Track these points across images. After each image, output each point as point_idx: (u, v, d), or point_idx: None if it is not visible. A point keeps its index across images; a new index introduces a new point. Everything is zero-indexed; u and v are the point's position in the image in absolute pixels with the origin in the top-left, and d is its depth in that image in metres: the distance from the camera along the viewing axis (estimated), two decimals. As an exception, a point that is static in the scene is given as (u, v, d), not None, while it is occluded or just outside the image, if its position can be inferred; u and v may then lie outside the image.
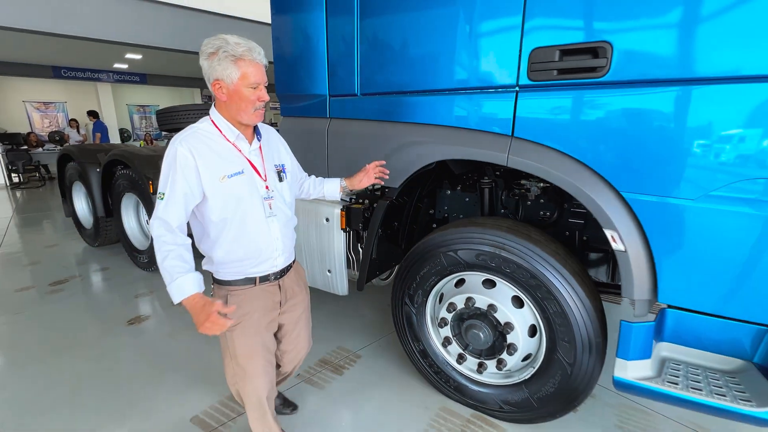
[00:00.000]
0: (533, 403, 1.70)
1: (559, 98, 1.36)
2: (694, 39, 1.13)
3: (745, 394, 1.26)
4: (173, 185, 1.15)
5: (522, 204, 2.10)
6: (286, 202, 1.37)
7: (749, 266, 1.19)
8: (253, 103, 1.18)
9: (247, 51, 1.13)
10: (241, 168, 1.23)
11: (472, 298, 1.73)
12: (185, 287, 1.15)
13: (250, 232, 1.26)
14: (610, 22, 1.23)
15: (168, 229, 1.17)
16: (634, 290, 1.33)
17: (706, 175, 1.17)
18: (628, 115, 1.25)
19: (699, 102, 1.15)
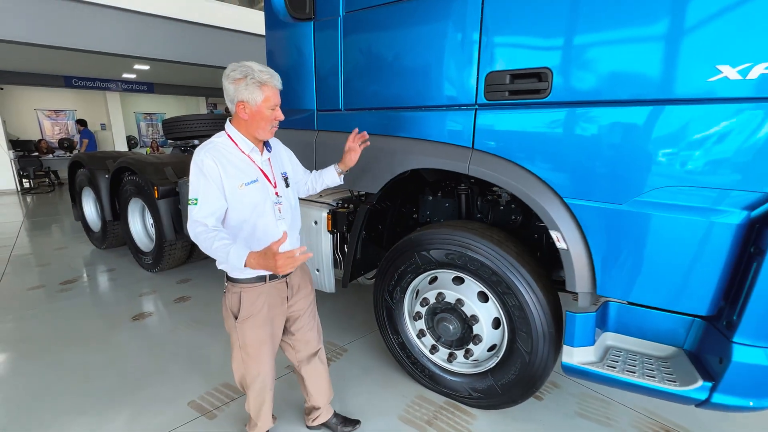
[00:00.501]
0: (498, 390, 1.87)
1: (510, 116, 1.55)
2: (615, 67, 1.32)
3: (672, 376, 1.43)
4: (205, 190, 1.30)
5: (494, 209, 2.28)
6: (292, 205, 1.54)
7: (673, 262, 1.37)
8: (270, 122, 1.37)
9: (269, 78, 1.33)
10: (256, 177, 1.40)
11: (443, 293, 1.91)
12: (241, 252, 1.23)
13: (262, 233, 1.41)
14: (550, 51, 1.43)
15: (202, 226, 1.30)
16: (576, 284, 1.51)
17: (631, 182, 1.36)
18: (567, 131, 1.44)
19: (621, 121, 1.34)
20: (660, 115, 1.28)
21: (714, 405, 1.36)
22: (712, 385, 1.34)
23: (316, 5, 2.02)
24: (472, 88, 1.61)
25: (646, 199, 1.34)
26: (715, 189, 1.25)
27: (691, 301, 1.38)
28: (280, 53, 2.29)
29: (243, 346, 1.51)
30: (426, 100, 1.75)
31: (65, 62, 8.56)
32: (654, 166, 1.31)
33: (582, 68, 1.38)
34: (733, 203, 1.24)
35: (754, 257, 1.23)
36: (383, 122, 1.94)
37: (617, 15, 1.29)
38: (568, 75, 1.40)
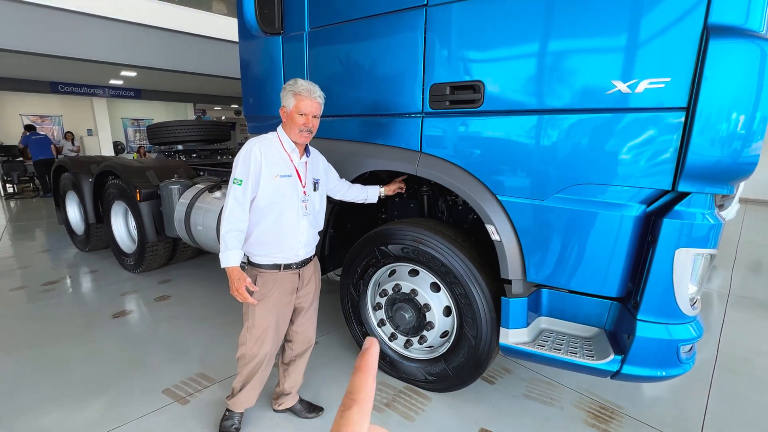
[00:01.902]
0: (450, 373, 2.04)
1: (451, 123, 1.75)
2: (534, 81, 1.53)
3: (591, 352, 1.62)
4: (247, 174, 1.54)
5: (453, 208, 2.47)
6: (316, 208, 1.74)
7: (586, 250, 1.56)
8: (299, 126, 1.56)
9: (305, 90, 1.54)
10: (290, 172, 1.61)
11: (399, 285, 2.08)
12: (231, 259, 1.55)
13: (284, 223, 1.62)
14: (481, 66, 1.63)
15: (240, 207, 1.55)
16: (509, 272, 1.70)
17: (549, 181, 1.56)
18: (497, 136, 1.64)
19: (539, 127, 1.54)
20: (569, 122, 1.48)
21: (625, 376, 1.56)
22: (622, 358, 1.54)
23: (285, 21, 2.20)
24: (418, 98, 1.80)
25: (562, 196, 1.54)
26: (616, 186, 1.45)
27: (604, 285, 1.57)
28: (253, 64, 2.47)
29: (251, 327, 1.70)
30: (380, 109, 1.94)
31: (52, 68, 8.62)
32: (566, 167, 1.51)
33: (507, 82, 1.58)
34: (632, 198, 1.45)
35: (650, 245, 1.44)
36: (344, 128, 2.12)
37: (533, 37, 1.50)
38: (496, 87, 1.60)
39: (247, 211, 1.57)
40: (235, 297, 1.58)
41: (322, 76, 2.14)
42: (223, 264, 1.55)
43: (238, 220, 1.56)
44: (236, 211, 1.56)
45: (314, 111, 1.58)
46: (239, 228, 1.56)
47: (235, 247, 1.56)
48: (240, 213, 1.56)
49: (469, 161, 1.72)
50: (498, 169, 1.66)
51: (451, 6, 1.65)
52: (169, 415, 2.01)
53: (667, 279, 1.43)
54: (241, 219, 1.56)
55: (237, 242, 1.56)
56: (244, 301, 1.60)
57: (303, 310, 1.85)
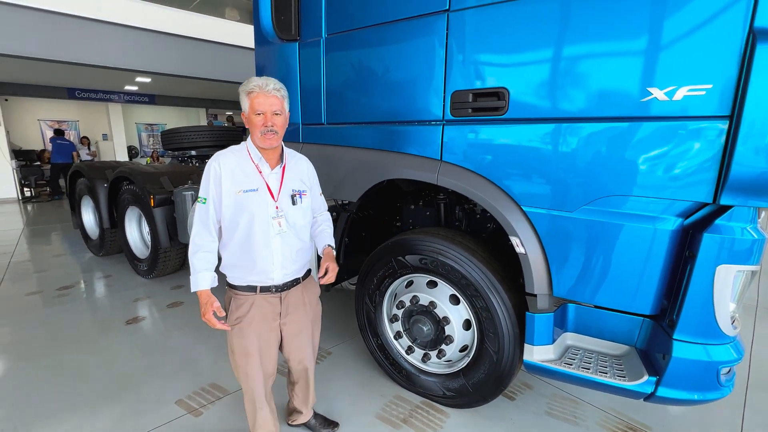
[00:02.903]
0: (469, 389, 1.96)
1: (474, 131, 1.69)
2: (563, 88, 1.47)
3: (623, 372, 1.54)
4: (207, 191, 1.43)
5: (470, 217, 2.41)
6: (296, 224, 1.52)
7: (618, 265, 1.49)
8: (259, 128, 1.38)
9: (256, 86, 1.36)
10: (257, 186, 1.43)
11: (417, 296, 2.02)
12: (200, 282, 1.43)
13: (253, 243, 1.44)
14: (506, 72, 1.57)
15: (204, 227, 1.44)
16: (534, 286, 1.63)
17: (578, 192, 1.49)
18: (523, 144, 1.58)
19: (568, 136, 1.47)
20: (599, 131, 1.41)
21: (660, 398, 1.47)
22: (657, 380, 1.45)
23: (301, 28, 2.18)
24: (439, 106, 1.75)
25: (592, 207, 1.47)
26: (652, 198, 1.38)
27: (636, 301, 1.49)
28: (269, 70, 2.44)
29: (231, 351, 1.58)
30: (399, 116, 1.89)
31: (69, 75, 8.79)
32: (596, 178, 1.44)
33: (534, 88, 1.52)
34: (667, 211, 1.37)
35: (688, 261, 1.36)
36: (361, 136, 2.07)
37: (562, 42, 1.44)
38: (522, 94, 1.54)
39: (213, 231, 1.45)
40: (207, 323, 1.43)
41: (339, 82, 2.10)
42: (192, 288, 1.44)
43: (205, 240, 1.45)
44: (201, 231, 1.45)
45: (273, 107, 1.38)
46: (207, 249, 1.45)
47: (203, 269, 1.43)
48: (206, 233, 1.45)
49: (492, 170, 1.66)
50: (523, 179, 1.60)
51: (475, 11, 1.59)
52: (181, 427, 1.97)
53: (707, 297, 1.34)
54: (208, 239, 1.45)
55: (206, 263, 1.44)
56: (213, 327, 1.44)
57: (290, 337, 1.63)
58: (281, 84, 1.42)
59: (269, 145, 1.43)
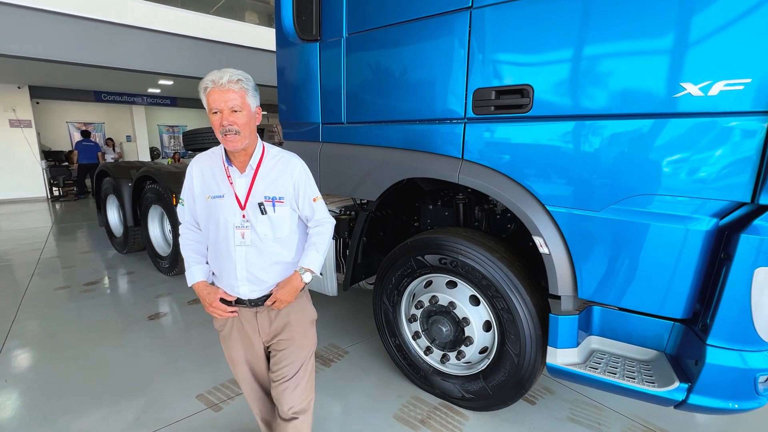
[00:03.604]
0: (489, 391, 1.93)
1: (496, 129, 1.66)
2: (589, 84, 1.43)
3: (652, 378, 1.48)
4: (184, 193, 1.40)
5: (490, 217, 2.37)
6: (266, 237, 1.32)
7: (648, 267, 1.43)
8: (218, 128, 1.21)
9: (211, 82, 1.19)
10: (223, 192, 1.31)
11: (436, 297, 2.00)
12: (195, 275, 1.40)
13: (219, 252, 1.35)
14: (531, 69, 1.54)
15: (187, 228, 1.42)
16: (558, 287, 1.59)
17: (605, 191, 1.44)
18: (547, 142, 1.54)
19: (595, 133, 1.43)
20: (628, 128, 1.37)
21: (692, 406, 1.41)
22: (689, 387, 1.39)
23: (322, 28, 2.19)
24: (461, 103, 1.73)
25: (620, 207, 1.43)
26: (684, 198, 1.33)
27: (666, 304, 1.44)
28: (290, 71, 2.47)
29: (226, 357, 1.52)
30: (420, 114, 1.88)
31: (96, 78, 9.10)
32: (625, 176, 1.40)
33: (560, 85, 1.48)
34: (700, 211, 1.31)
35: (724, 263, 1.30)
36: (381, 134, 2.07)
37: (590, 36, 1.40)
38: (547, 91, 1.51)
39: (195, 230, 1.41)
40: (213, 314, 1.37)
41: (359, 81, 2.10)
42: (188, 282, 1.40)
43: (189, 239, 1.41)
44: (185, 233, 1.42)
45: (229, 103, 1.18)
46: (194, 247, 1.41)
47: (196, 262, 1.40)
48: (189, 233, 1.42)
49: (515, 169, 1.63)
50: (547, 178, 1.56)
51: (498, 7, 1.57)
52: (202, 421, 2.00)
53: (744, 300, 1.28)
54: (192, 238, 1.41)
55: (197, 256, 1.41)
56: (223, 315, 1.36)
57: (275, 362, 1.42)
58: (242, 74, 1.21)
59: (232, 147, 1.25)
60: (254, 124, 1.29)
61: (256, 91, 1.27)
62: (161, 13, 6.66)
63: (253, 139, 1.30)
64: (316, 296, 3.12)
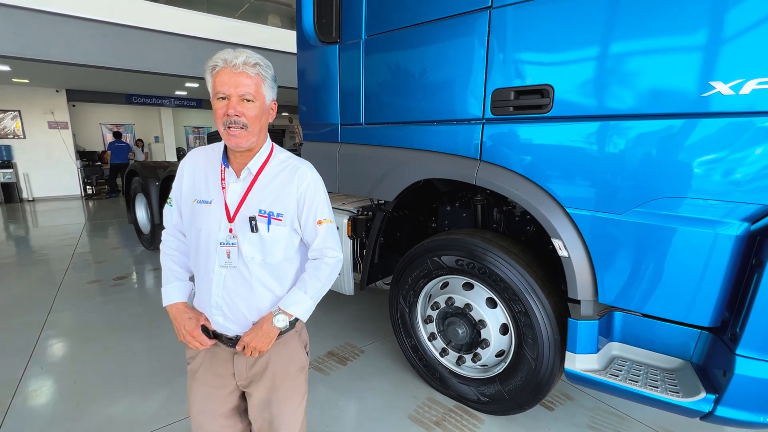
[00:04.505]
0: (505, 395, 1.91)
1: (515, 130, 1.64)
2: (612, 83, 1.39)
3: (676, 387, 1.43)
4: (175, 191, 1.16)
5: (509, 219, 2.34)
6: (254, 260, 1.06)
7: (673, 273, 1.39)
8: (221, 118, 0.99)
9: (222, 61, 0.98)
10: (212, 198, 1.07)
11: (452, 298, 1.99)
12: (171, 293, 1.13)
13: (198, 268, 1.11)
14: (552, 69, 1.51)
15: (171, 233, 1.18)
16: (578, 291, 1.56)
17: (629, 194, 1.40)
18: (568, 143, 1.51)
19: (618, 134, 1.40)
20: (654, 128, 1.33)
21: (719, 418, 1.35)
22: (716, 398, 1.34)
23: (342, 30, 2.22)
24: (479, 104, 1.72)
25: (643, 210, 1.38)
26: (713, 201, 1.28)
27: (693, 312, 1.38)
28: (310, 73, 2.51)
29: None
30: (438, 115, 1.88)
31: (127, 82, 9.49)
32: (650, 178, 1.35)
33: (581, 84, 1.45)
34: (730, 214, 1.26)
35: (755, 269, 1.24)
36: (399, 135, 2.08)
37: (612, 34, 1.37)
38: (568, 91, 1.48)
39: (179, 235, 1.18)
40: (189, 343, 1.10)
41: (378, 82, 2.12)
42: (163, 301, 1.14)
43: (171, 248, 1.18)
44: (168, 239, 1.19)
45: (240, 88, 0.97)
46: (176, 259, 1.17)
47: (177, 278, 1.15)
48: (172, 241, 1.18)
49: (534, 170, 1.61)
50: (567, 180, 1.53)
51: (519, 6, 1.55)
52: (222, 414, 2.05)
53: (777, 310, 1.22)
54: (174, 247, 1.18)
55: (179, 269, 1.16)
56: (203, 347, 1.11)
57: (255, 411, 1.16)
58: (262, 58, 1.02)
59: (235, 144, 1.02)
60: (266, 121, 1.07)
61: (274, 82, 1.06)
62: (189, 18, 6.89)
63: (262, 139, 1.08)
64: (333, 295, 3.16)
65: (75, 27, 5.82)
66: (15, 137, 9.68)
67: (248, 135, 1.02)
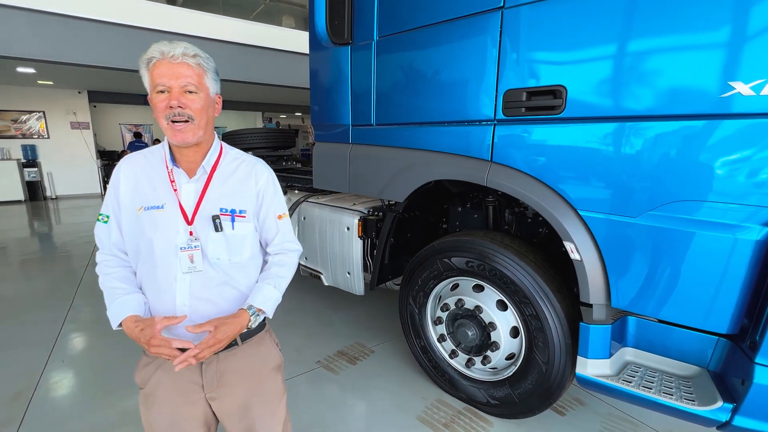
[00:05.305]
0: (515, 399, 1.89)
1: (527, 131, 1.62)
2: (628, 84, 1.36)
3: (692, 395, 1.39)
4: (108, 206, 1.04)
5: (521, 221, 2.31)
6: (220, 261, 1.03)
7: (689, 278, 1.35)
8: (163, 112, 0.94)
9: (159, 53, 0.93)
10: (163, 202, 1.00)
11: (462, 300, 1.98)
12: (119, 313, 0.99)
13: (156, 281, 1.02)
14: (565, 69, 1.49)
15: (109, 252, 1.06)
16: (590, 295, 1.53)
17: (643, 197, 1.37)
18: (580, 145, 1.49)
19: (633, 136, 1.37)
20: (670, 130, 1.30)
21: (736, 428, 1.31)
22: (734, 407, 1.30)
23: (354, 32, 2.23)
24: (491, 105, 1.70)
25: (659, 213, 1.35)
26: (733, 204, 1.24)
27: (710, 318, 1.35)
28: (322, 74, 2.53)
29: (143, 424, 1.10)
30: (449, 116, 1.87)
31: (146, 83, 9.74)
32: (666, 181, 1.32)
33: (595, 85, 1.43)
34: (753, 219, 1.22)
35: (776, 275, 1.20)
36: (410, 136, 2.08)
37: (628, 33, 1.34)
38: (581, 91, 1.46)
39: (118, 254, 1.06)
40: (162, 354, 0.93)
41: (389, 83, 2.12)
42: (113, 322, 1.00)
43: (110, 267, 1.05)
44: (106, 261, 1.05)
45: (182, 79, 0.93)
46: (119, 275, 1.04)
47: (126, 292, 1.03)
48: (111, 259, 1.05)
49: (545, 172, 1.59)
50: (580, 182, 1.51)
51: (532, 6, 1.53)
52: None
53: (799, 318, 1.18)
54: (117, 265, 1.05)
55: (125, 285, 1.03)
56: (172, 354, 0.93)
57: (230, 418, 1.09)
58: (200, 50, 0.98)
59: (181, 139, 0.96)
60: (212, 115, 1.04)
61: (216, 74, 1.03)
62: (205, 20, 7.03)
63: (209, 135, 1.04)
64: (343, 294, 3.20)
65: (97, 30, 6.00)
66: (39, 137, 10.02)
67: (195, 129, 0.97)
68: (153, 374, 1.06)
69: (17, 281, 4.05)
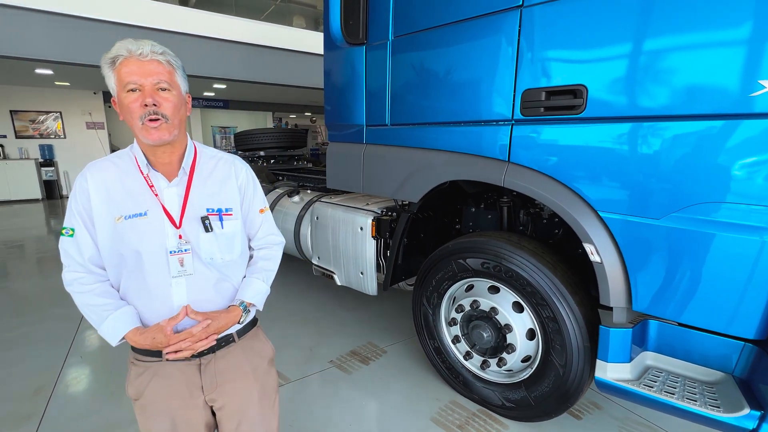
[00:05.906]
0: (531, 402, 1.87)
1: (546, 131, 1.60)
2: (651, 83, 1.33)
3: (717, 401, 1.36)
4: (73, 219, 0.97)
5: (537, 221, 2.29)
6: (214, 260, 1.04)
7: (713, 281, 1.32)
8: (138, 113, 0.90)
9: (125, 50, 0.90)
10: (145, 209, 0.97)
11: (477, 301, 1.97)
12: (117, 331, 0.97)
13: (147, 289, 0.99)
14: (586, 68, 1.47)
15: (82, 267, 0.99)
16: (610, 298, 1.50)
17: (666, 198, 1.34)
18: (601, 145, 1.46)
19: (656, 136, 1.34)
20: (695, 130, 1.27)
21: (764, 437, 1.28)
22: (761, 415, 1.26)
23: (369, 32, 2.23)
24: (509, 105, 1.69)
25: (683, 215, 1.32)
26: (759, 207, 1.21)
27: (736, 323, 1.31)
28: (336, 74, 2.53)
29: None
30: (465, 116, 1.86)
31: (159, 83, 9.88)
32: (690, 182, 1.29)
33: (617, 84, 1.40)
34: (781, 221, 1.19)
35: (808, 279, 1.16)
36: (426, 136, 2.07)
37: (651, 30, 1.31)
38: (603, 91, 1.43)
39: (94, 269, 1.00)
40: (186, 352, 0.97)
41: (404, 83, 2.11)
42: (112, 340, 0.98)
43: (86, 284, 0.99)
44: (78, 278, 0.99)
45: (153, 77, 0.91)
46: (100, 290, 0.99)
47: (115, 307, 0.98)
48: (85, 276, 0.99)
49: (565, 172, 1.57)
50: (601, 183, 1.48)
51: (551, 5, 1.51)
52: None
53: (831, 324, 1.14)
54: (90, 281, 0.99)
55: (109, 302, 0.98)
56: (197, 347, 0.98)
57: (229, 416, 1.09)
58: (165, 48, 0.95)
59: (158, 138, 0.93)
60: (185, 114, 1.01)
61: (184, 73, 1.01)
62: (217, 21, 7.10)
63: (183, 134, 1.02)
64: (356, 294, 3.20)
65: (113, 32, 6.10)
66: (56, 137, 10.24)
67: (170, 127, 0.94)
68: (148, 383, 1.04)
69: (35, 279, 4.14)
